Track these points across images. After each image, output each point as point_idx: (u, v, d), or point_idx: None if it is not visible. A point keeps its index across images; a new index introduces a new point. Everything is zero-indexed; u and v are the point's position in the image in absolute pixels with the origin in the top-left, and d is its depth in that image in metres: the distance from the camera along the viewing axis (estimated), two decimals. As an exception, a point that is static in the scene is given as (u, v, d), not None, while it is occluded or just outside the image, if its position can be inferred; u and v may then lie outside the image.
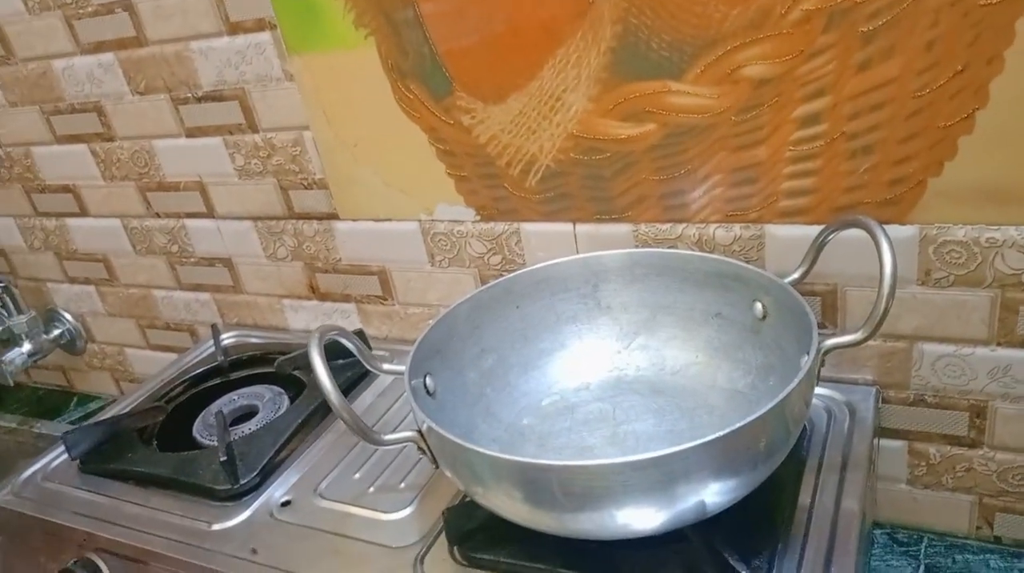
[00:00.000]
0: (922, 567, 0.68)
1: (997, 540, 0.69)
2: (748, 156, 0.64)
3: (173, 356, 1.09)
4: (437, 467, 0.55)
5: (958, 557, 0.69)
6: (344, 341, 0.59)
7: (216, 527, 0.67)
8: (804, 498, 0.57)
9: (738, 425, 0.45)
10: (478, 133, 0.73)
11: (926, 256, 0.61)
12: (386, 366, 0.61)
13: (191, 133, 0.89)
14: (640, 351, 0.69)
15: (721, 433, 0.45)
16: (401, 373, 0.59)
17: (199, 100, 0.85)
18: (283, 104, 0.81)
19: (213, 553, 0.64)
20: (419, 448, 0.55)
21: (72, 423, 1.17)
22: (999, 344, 0.62)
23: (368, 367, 0.61)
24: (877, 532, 0.72)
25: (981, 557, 0.68)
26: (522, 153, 0.73)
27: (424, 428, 0.53)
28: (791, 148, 0.62)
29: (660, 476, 0.46)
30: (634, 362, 0.69)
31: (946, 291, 0.62)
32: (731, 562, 0.49)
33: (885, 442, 0.69)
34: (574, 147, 0.70)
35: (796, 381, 0.48)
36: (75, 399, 1.27)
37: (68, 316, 1.19)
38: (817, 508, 0.56)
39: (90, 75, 0.90)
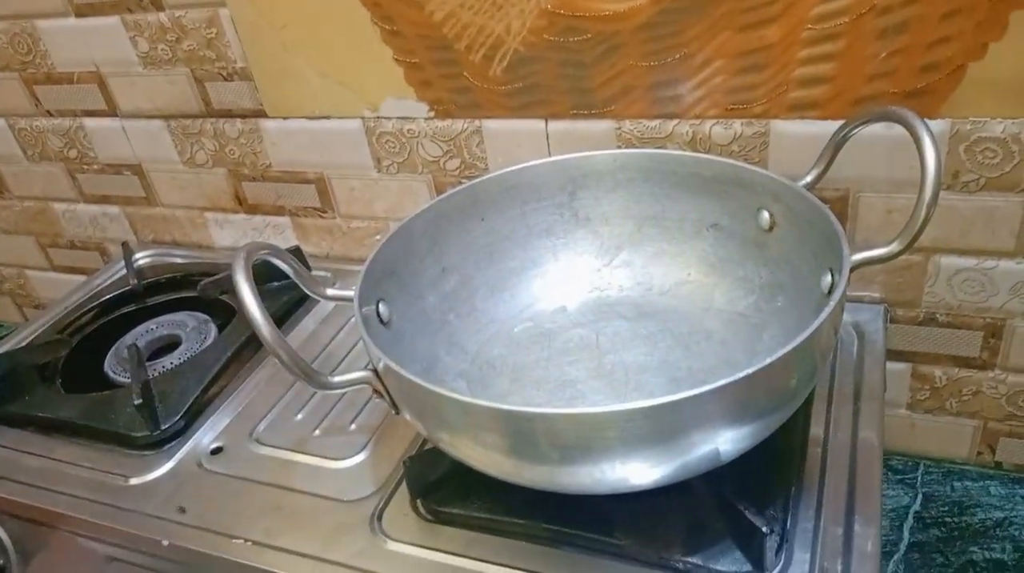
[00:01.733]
0: (919, 496, 0.64)
1: (998, 465, 0.65)
2: (756, 37, 0.54)
3: (81, 278, 0.96)
4: (397, 412, 0.46)
5: (956, 484, 0.64)
6: (277, 261, 0.49)
7: (135, 481, 0.57)
8: (816, 433, 0.51)
9: (766, 362, 0.37)
10: (432, 9, 0.61)
11: (956, 155, 0.53)
12: (330, 291, 0.51)
13: (81, 11, 0.73)
14: (624, 268, 0.61)
15: (747, 372, 0.37)
16: (349, 299, 0.49)
17: (86, -31, 0.70)
18: (191, -25, 0.67)
19: (132, 513, 0.54)
20: (375, 390, 0.45)
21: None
22: (1027, 257, 0.55)
23: (308, 293, 0.51)
24: (871, 459, 0.67)
25: (981, 484, 0.64)
26: (485, 34, 0.61)
27: (380, 367, 0.44)
28: (809, 26, 0.52)
29: (672, 424, 0.38)
30: (617, 281, 0.61)
31: (974, 196, 0.54)
32: (747, 515, 0.42)
33: (889, 365, 0.63)
34: (548, 27, 0.59)
35: (831, 306, 0.40)
36: (-26, 327, 1.13)
37: (-44, 234, 1.03)
38: (832, 444, 0.50)
39: (-54, -63, 0.73)
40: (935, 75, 0.51)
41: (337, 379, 0.45)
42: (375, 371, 0.45)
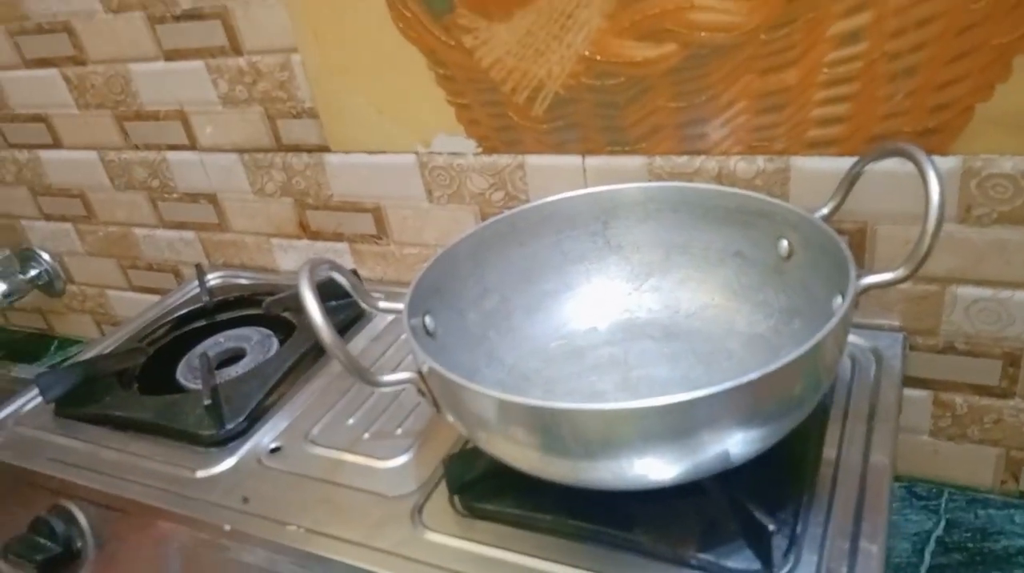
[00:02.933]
0: (943, 521, 0.65)
1: (1022, 495, 0.66)
2: (777, 80, 0.58)
3: (156, 298, 1.04)
4: (438, 411, 0.51)
5: (980, 512, 0.66)
6: (337, 275, 0.55)
7: (201, 474, 0.63)
8: (829, 450, 0.54)
9: (771, 368, 0.41)
10: (481, 55, 0.68)
11: (967, 191, 0.56)
12: (382, 304, 0.57)
13: (169, 56, 0.82)
14: (652, 293, 0.65)
15: (752, 376, 0.41)
16: (399, 311, 0.54)
17: (177, 19, 0.79)
18: (269, 24, 0.75)
19: (198, 501, 0.60)
20: (419, 390, 0.50)
21: (51, 368, 1.13)
22: (1041, 287, 0.58)
23: (362, 304, 0.56)
24: (895, 485, 0.69)
25: (1005, 512, 0.65)
26: (529, 78, 0.67)
27: (425, 369, 0.49)
28: (825, 70, 0.57)
29: (684, 422, 0.42)
30: (646, 304, 0.65)
31: (987, 229, 0.57)
32: (756, 516, 0.45)
33: (908, 392, 0.66)
34: (585, 71, 0.64)
35: (834, 321, 0.44)
36: (55, 343, 1.22)
37: (45, 256, 1.13)
38: (844, 460, 0.53)
39: (59, -9, 0.83)
40: (945, 114, 0.55)
41: (386, 378, 0.50)
42: (420, 373, 0.50)
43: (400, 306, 0.54)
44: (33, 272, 1.14)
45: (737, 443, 0.44)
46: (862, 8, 0.53)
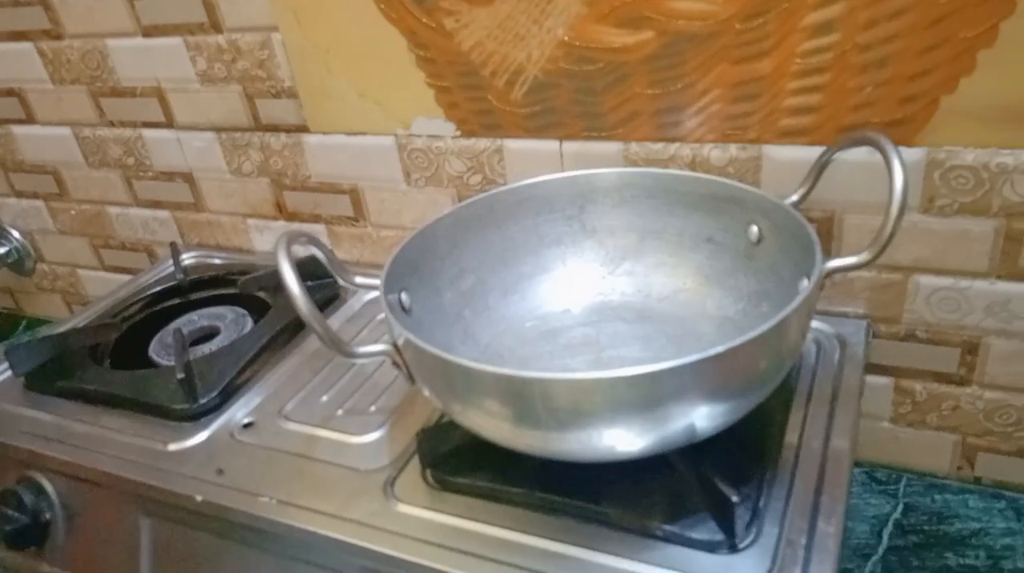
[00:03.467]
0: (900, 505, 0.67)
1: (977, 480, 0.68)
2: (751, 69, 0.60)
3: (129, 278, 1.03)
4: (413, 382, 0.51)
5: (937, 497, 0.68)
6: (313, 249, 0.55)
7: (173, 447, 0.63)
8: (792, 429, 0.55)
9: (736, 342, 0.42)
10: (461, 38, 0.68)
11: (931, 182, 0.58)
12: (359, 279, 0.57)
13: (148, 32, 0.82)
14: (626, 277, 0.66)
15: (717, 349, 0.42)
16: (376, 287, 0.55)
17: (157, -6, 0.79)
18: (250, 2, 0.75)
19: (169, 473, 0.60)
20: (394, 362, 0.51)
21: (21, 345, 1.11)
22: (999, 277, 0.59)
23: (339, 279, 0.57)
24: (856, 470, 0.71)
25: (960, 497, 0.67)
26: (508, 62, 0.68)
27: (400, 341, 0.49)
28: (798, 60, 0.58)
29: (651, 394, 0.43)
30: (619, 288, 0.66)
31: (949, 220, 0.59)
32: (720, 488, 0.47)
33: (871, 378, 0.68)
34: (564, 56, 0.65)
35: (797, 300, 0.45)
36: (23, 323, 1.21)
37: (16, 234, 1.12)
38: (806, 441, 0.54)
39: (37, -37, 0.82)
40: (913, 106, 0.57)
41: (361, 350, 0.50)
42: (395, 345, 0.51)
43: (376, 282, 0.55)
44: (2, 250, 1.12)
45: (703, 417, 0.45)
46: None
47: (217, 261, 0.93)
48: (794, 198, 0.58)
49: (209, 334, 0.79)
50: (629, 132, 0.67)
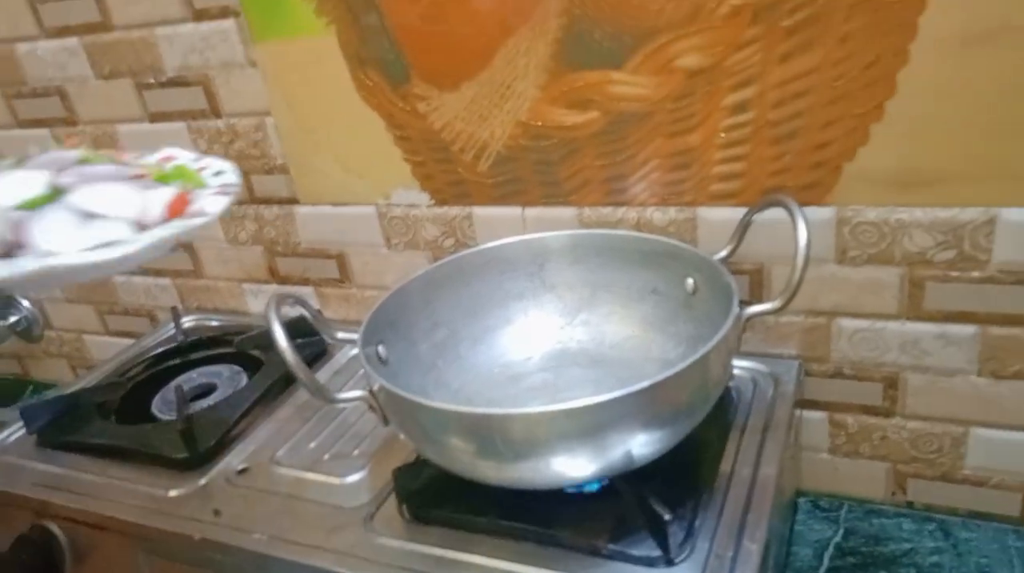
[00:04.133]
0: (841, 530, 0.73)
1: (910, 505, 0.74)
2: (682, 142, 0.69)
3: (131, 341, 1.10)
4: (387, 424, 0.58)
5: (874, 521, 0.74)
6: (300, 308, 0.62)
7: (173, 493, 0.69)
8: (727, 458, 0.62)
9: (660, 377, 0.50)
10: (433, 119, 0.77)
11: (842, 236, 0.66)
12: (340, 334, 0.65)
13: (155, 118, 0.91)
14: (582, 326, 0.74)
15: (644, 384, 0.49)
16: (355, 341, 0.62)
17: (163, 85, 0.88)
18: (246, 90, 0.84)
19: (171, 516, 0.66)
20: (370, 406, 0.58)
21: (28, 408, 1.17)
22: (908, 318, 0.67)
23: (322, 334, 0.64)
24: (801, 500, 0.77)
25: (895, 521, 0.73)
26: (474, 139, 0.76)
27: (375, 387, 0.57)
28: (722, 134, 0.67)
29: (590, 424, 0.50)
30: (576, 336, 0.73)
31: (861, 269, 0.67)
32: (656, 509, 0.53)
33: (808, 413, 0.75)
34: (523, 134, 0.74)
35: (714, 340, 0.53)
36: (31, 387, 1.27)
37: (25, 302, 1.19)
38: (738, 467, 0.61)
39: (55, 60, 0.92)
40: (821, 172, 0.65)
41: (341, 396, 0.57)
42: (371, 391, 0.58)
43: (355, 336, 0.62)
44: (13, 318, 1.19)
45: (639, 444, 0.52)
46: (748, 83, 0.64)
47: (215, 322, 1.00)
48: (723, 254, 0.66)
49: (207, 390, 0.86)
50: (582, 198, 0.75)
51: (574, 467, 0.52)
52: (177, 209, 0.53)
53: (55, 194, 0.50)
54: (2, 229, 0.48)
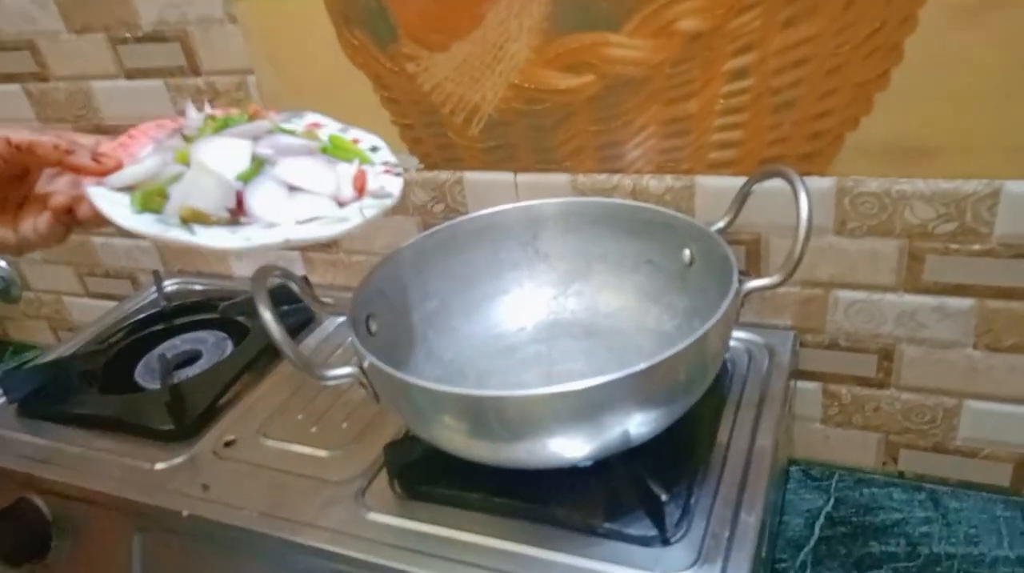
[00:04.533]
0: (832, 499, 0.74)
1: (900, 474, 0.75)
2: (680, 109, 0.66)
3: (113, 304, 1.08)
4: (379, 401, 0.57)
5: (865, 490, 0.74)
6: (287, 281, 0.61)
7: (160, 466, 0.68)
8: (723, 432, 0.61)
9: (658, 358, 0.48)
10: (422, 81, 0.74)
11: (842, 207, 0.65)
12: (328, 306, 0.63)
13: (131, 75, 0.87)
14: (575, 297, 0.72)
15: (643, 366, 0.48)
16: (343, 314, 0.61)
17: (139, 40, 0.84)
18: (226, 47, 0.81)
19: (158, 490, 0.65)
20: (360, 383, 0.56)
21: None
22: (906, 290, 0.66)
23: (310, 306, 0.63)
24: (793, 468, 0.77)
25: (885, 490, 0.74)
26: (465, 102, 0.74)
27: (366, 364, 0.55)
28: (721, 101, 0.65)
29: (587, 406, 0.49)
30: (569, 307, 0.72)
31: (859, 240, 0.66)
32: (652, 488, 0.53)
33: (802, 384, 0.74)
34: (516, 97, 0.71)
35: (714, 319, 0.51)
36: (10, 349, 1.25)
37: (2, 263, 1.16)
38: (734, 441, 0.60)
39: (24, 12, 0.87)
40: (821, 141, 0.63)
41: (331, 373, 0.56)
42: (361, 368, 0.56)
43: (344, 308, 0.61)
44: (-11, 279, 1.17)
45: (636, 424, 0.51)
46: (748, 49, 0.61)
47: (198, 287, 0.98)
48: (720, 224, 0.64)
49: (192, 357, 0.84)
50: (577, 164, 0.73)
51: (570, 448, 0.51)
52: (359, 186, 0.54)
53: (259, 165, 0.51)
54: (224, 198, 0.49)
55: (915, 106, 0.59)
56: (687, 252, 0.65)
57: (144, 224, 0.48)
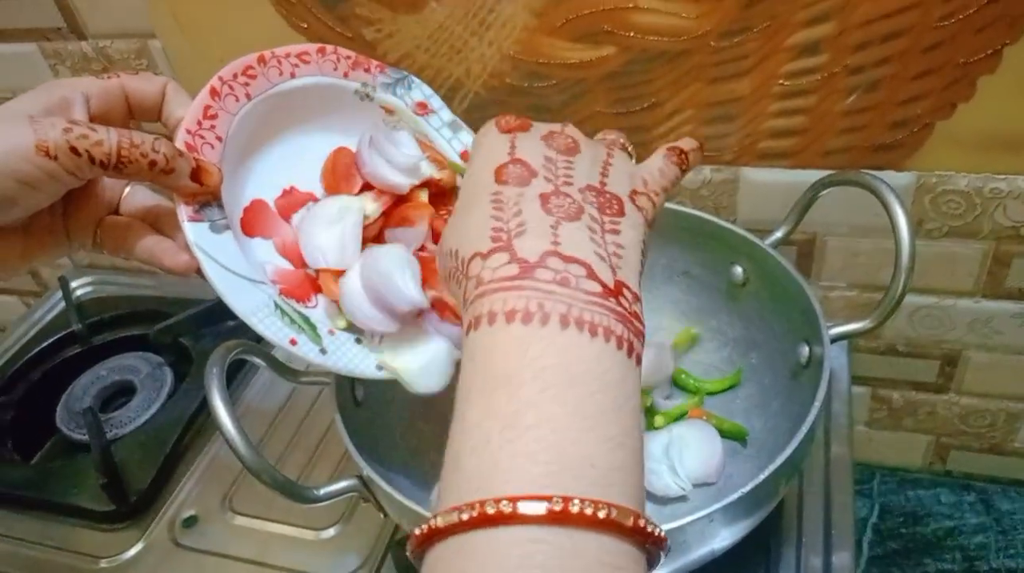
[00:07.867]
0: (876, 506, 0.67)
1: (948, 473, 0.69)
2: (727, 89, 0.53)
3: (12, 299, 0.91)
4: (385, 517, 0.45)
5: (910, 493, 0.68)
6: (254, 358, 0.46)
7: (105, 564, 0.55)
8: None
9: (749, 487, 0.38)
10: (385, 50, 0.58)
11: (920, 205, 0.54)
12: (304, 378, 0.49)
13: (-10, 38, 0.67)
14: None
15: (737, 495, 0.38)
16: (326, 384, 0.48)
17: (-7, -4, 0.63)
18: (116, 3, 0.61)
19: (108, 601, 0.53)
20: (363, 498, 0.44)
21: None
22: (984, 296, 0.57)
23: (285, 379, 0.49)
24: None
25: (932, 491, 0.68)
26: (443, 76, 0.58)
27: (365, 475, 0.43)
28: (781, 82, 0.51)
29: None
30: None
31: (936, 242, 0.55)
32: None
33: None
34: (511, 71, 0.56)
35: (814, 412, 0.41)
36: None
37: None
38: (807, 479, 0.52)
39: None
40: (904, 131, 0.51)
41: (324, 491, 0.43)
42: (361, 477, 0.44)
43: (326, 379, 0.47)
44: None
45: (721, 540, 0.41)
46: (825, 19, 0.48)
47: (114, 289, 0.81)
48: (778, 235, 0.52)
49: (122, 390, 0.69)
50: (587, 151, 0.59)
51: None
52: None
53: None
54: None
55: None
56: (738, 269, 0.54)
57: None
